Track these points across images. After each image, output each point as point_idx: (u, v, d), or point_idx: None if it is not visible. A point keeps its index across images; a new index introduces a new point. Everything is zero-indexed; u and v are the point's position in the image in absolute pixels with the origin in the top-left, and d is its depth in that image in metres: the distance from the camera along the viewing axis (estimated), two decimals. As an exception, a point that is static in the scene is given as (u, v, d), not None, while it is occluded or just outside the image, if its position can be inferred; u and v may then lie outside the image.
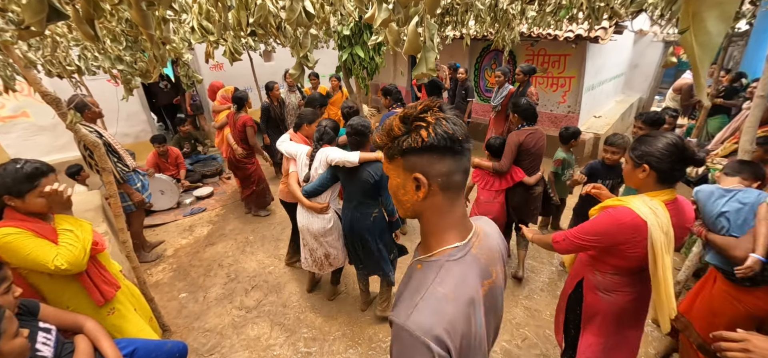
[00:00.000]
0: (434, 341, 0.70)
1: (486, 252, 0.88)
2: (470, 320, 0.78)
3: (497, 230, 0.99)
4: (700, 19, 0.33)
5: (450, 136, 0.75)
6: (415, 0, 0.82)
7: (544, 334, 2.69)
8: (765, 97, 1.98)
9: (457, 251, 0.81)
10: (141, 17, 0.88)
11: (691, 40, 0.34)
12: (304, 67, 1.71)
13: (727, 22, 0.33)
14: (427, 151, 0.76)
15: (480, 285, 0.83)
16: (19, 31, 1.03)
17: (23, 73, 1.67)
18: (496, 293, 0.90)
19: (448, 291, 0.76)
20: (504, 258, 0.97)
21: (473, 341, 0.80)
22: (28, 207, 1.55)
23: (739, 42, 7.31)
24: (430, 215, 0.83)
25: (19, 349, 1.16)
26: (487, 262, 0.87)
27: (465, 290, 0.78)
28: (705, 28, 0.33)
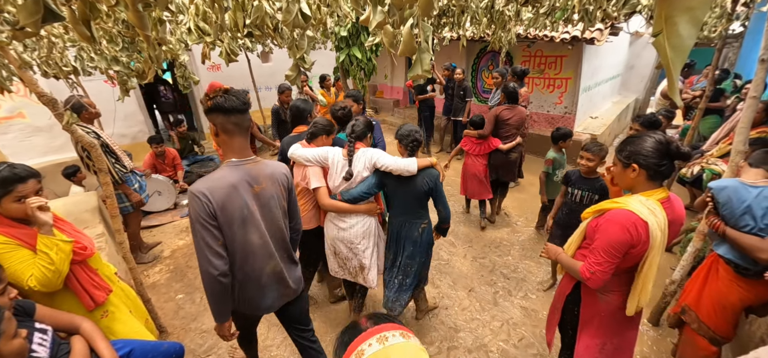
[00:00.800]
0: (199, 194, 1.41)
1: (259, 171, 1.58)
2: (229, 195, 1.46)
3: (282, 172, 1.68)
4: (672, 23, 0.35)
5: (218, 103, 1.43)
6: (410, 2, 0.83)
7: (541, 334, 2.70)
8: (757, 98, 2.00)
9: (232, 163, 1.52)
10: (137, 18, 0.89)
11: (664, 42, 0.36)
12: (300, 68, 1.71)
13: (697, 26, 0.34)
14: (212, 112, 1.45)
15: (248, 185, 1.53)
16: (14, 31, 1.03)
17: (19, 74, 1.67)
18: (266, 197, 1.59)
19: (217, 177, 1.47)
20: (282, 183, 1.67)
21: (236, 209, 1.48)
22: (6, 212, 1.53)
23: (734, 43, 7.38)
24: (222, 145, 1.53)
25: (17, 349, 1.16)
26: (257, 176, 1.56)
27: (228, 179, 1.48)
28: (677, 32, 0.34)
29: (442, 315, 2.92)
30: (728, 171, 2.18)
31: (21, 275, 1.49)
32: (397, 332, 0.74)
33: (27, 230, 1.58)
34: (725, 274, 1.89)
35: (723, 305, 1.91)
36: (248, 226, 1.52)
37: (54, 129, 5.35)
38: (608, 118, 7.13)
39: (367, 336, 0.72)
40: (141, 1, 0.87)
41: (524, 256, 3.67)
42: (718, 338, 1.96)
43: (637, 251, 1.44)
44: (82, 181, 4.25)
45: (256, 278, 1.62)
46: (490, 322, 2.85)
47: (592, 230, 1.59)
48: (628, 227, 1.40)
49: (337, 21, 2.90)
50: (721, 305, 1.92)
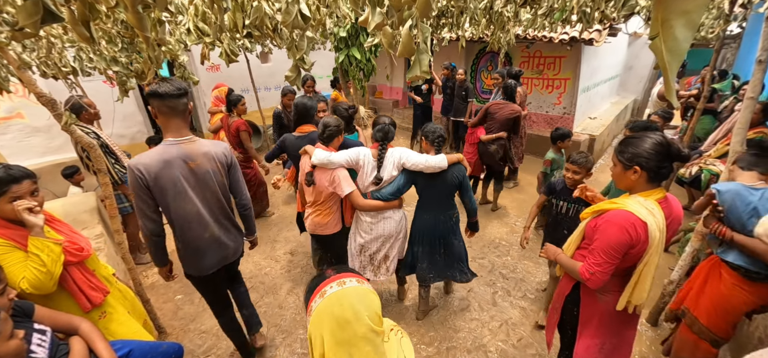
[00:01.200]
0: (135, 168, 1.64)
1: (195, 150, 1.77)
2: (162, 169, 1.67)
3: (220, 151, 1.89)
4: (668, 27, 0.35)
5: (154, 90, 1.65)
6: (409, 3, 0.83)
7: (540, 334, 2.71)
8: (755, 99, 2.01)
9: (168, 142, 1.73)
10: (137, 20, 0.89)
11: (661, 45, 0.36)
12: (300, 68, 1.72)
13: (693, 29, 0.35)
14: (150, 97, 1.66)
15: (183, 161, 1.73)
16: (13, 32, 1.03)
17: (18, 75, 1.67)
18: (202, 172, 1.79)
19: (153, 153, 1.69)
20: (219, 160, 1.86)
21: (168, 182, 1.70)
22: (1, 214, 1.52)
23: (732, 44, 7.41)
24: (161, 126, 1.74)
25: (14, 350, 1.16)
26: (192, 154, 1.75)
27: (162, 155, 1.69)
28: (673, 35, 0.35)
29: (441, 315, 2.92)
30: (726, 172, 2.19)
31: (14, 277, 1.48)
32: (353, 279, 0.89)
33: (23, 232, 1.57)
34: (730, 278, 1.87)
35: (725, 308, 1.90)
36: (182, 197, 1.75)
37: (52, 129, 5.34)
38: (607, 119, 7.14)
39: (330, 281, 0.88)
40: (140, 3, 0.87)
41: (523, 256, 3.68)
42: (718, 340, 1.97)
43: (636, 251, 1.45)
44: (80, 182, 4.24)
45: (196, 243, 1.86)
46: (489, 322, 2.85)
47: (591, 230, 1.59)
48: (627, 228, 1.41)
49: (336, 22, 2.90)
50: (724, 308, 1.90)
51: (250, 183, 4.29)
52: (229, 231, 1.98)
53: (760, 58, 1.94)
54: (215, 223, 1.89)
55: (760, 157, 1.89)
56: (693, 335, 2.05)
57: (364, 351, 0.81)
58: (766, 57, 1.95)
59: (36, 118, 5.21)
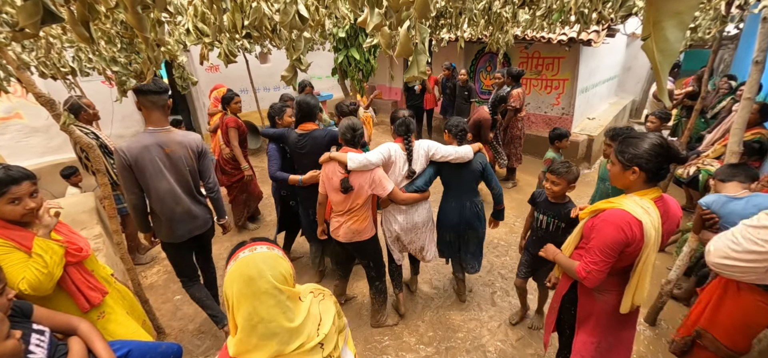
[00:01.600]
0: (120, 150, 2.00)
1: (170, 138, 2.15)
2: (142, 152, 2.03)
3: (193, 140, 2.29)
4: (660, 28, 0.36)
5: (138, 87, 2.01)
6: (407, 4, 0.84)
7: (538, 334, 2.71)
8: (752, 100, 2.03)
9: (149, 131, 2.08)
10: (136, 20, 0.89)
11: (653, 46, 0.37)
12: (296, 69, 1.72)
13: (684, 30, 0.36)
14: (135, 92, 1.99)
15: (159, 147, 2.08)
16: (13, 33, 1.04)
17: (17, 75, 1.67)
18: (175, 157, 2.16)
19: (135, 139, 2.05)
20: (192, 148, 2.25)
21: (147, 163, 2.05)
22: (1, 214, 1.53)
23: (730, 45, 7.44)
24: (144, 117, 2.11)
25: (11, 351, 1.16)
26: (167, 142, 2.12)
27: (142, 141, 2.04)
28: (664, 36, 0.35)
29: (440, 315, 2.93)
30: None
31: (13, 278, 1.48)
32: (264, 246, 0.99)
33: (22, 232, 1.57)
34: (751, 295, 1.78)
35: (748, 324, 1.82)
36: (159, 176, 2.13)
37: (51, 130, 5.33)
38: (605, 120, 7.16)
39: (244, 248, 0.98)
40: (139, 3, 0.87)
41: (522, 256, 3.68)
42: (736, 356, 1.92)
43: (632, 250, 1.46)
44: (78, 182, 4.24)
45: (170, 215, 2.20)
46: (488, 322, 2.86)
47: (589, 229, 1.60)
48: (623, 227, 1.42)
49: (335, 22, 2.91)
50: (746, 324, 1.83)
51: (233, 186, 4.07)
52: (198, 206, 2.36)
53: (757, 59, 1.96)
54: (186, 198, 2.26)
55: (736, 168, 1.94)
56: (708, 354, 1.99)
57: (267, 305, 0.92)
58: (763, 58, 1.96)
59: (34, 119, 5.20)
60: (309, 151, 2.69)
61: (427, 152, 2.46)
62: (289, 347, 0.95)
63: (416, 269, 3.16)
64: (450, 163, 2.46)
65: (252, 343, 0.93)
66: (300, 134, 2.72)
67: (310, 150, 2.67)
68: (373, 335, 2.76)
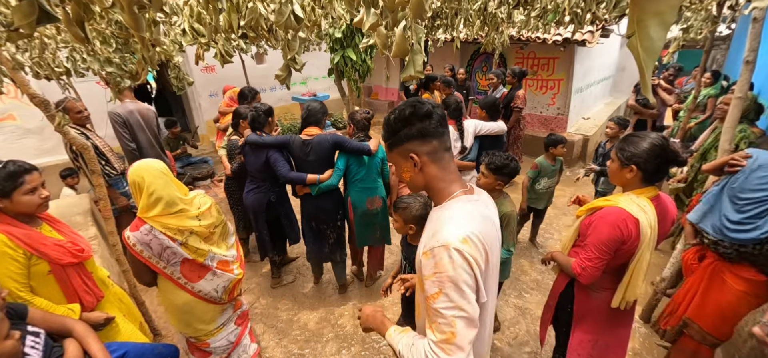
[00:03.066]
0: (114, 114, 3.37)
1: (143, 108, 3.53)
2: (130, 114, 3.39)
3: (151, 110, 3.60)
4: (643, 27, 0.37)
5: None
6: (402, 5, 0.85)
7: (535, 331, 2.73)
8: (742, 99, 2.06)
9: (126, 103, 3.43)
10: (133, 20, 0.89)
11: (637, 44, 0.38)
12: (291, 68, 1.73)
13: (666, 28, 0.37)
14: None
15: (139, 112, 3.46)
16: (8, 32, 1.03)
17: (11, 75, 1.66)
18: (148, 119, 3.56)
19: (122, 106, 3.43)
20: (153, 112, 3.62)
21: (134, 122, 3.42)
22: (17, 207, 1.53)
23: (722, 45, 7.53)
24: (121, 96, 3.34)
25: (10, 350, 1.15)
26: (141, 110, 3.48)
27: (128, 107, 3.47)
28: (648, 35, 0.37)
29: (437, 315, 2.94)
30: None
31: (7, 285, 1.49)
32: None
33: (28, 230, 1.57)
34: (736, 285, 1.84)
35: (735, 313, 1.88)
36: (140, 131, 3.38)
37: (45, 131, 5.28)
38: (600, 119, 7.22)
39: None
40: (136, 3, 0.87)
41: (518, 255, 3.70)
42: (719, 343, 1.98)
43: (628, 248, 1.47)
44: (75, 184, 4.21)
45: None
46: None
47: (585, 227, 1.62)
48: (619, 224, 1.43)
49: (331, 23, 2.91)
50: (733, 313, 1.88)
51: None
52: (164, 155, 3.56)
53: (748, 59, 1.99)
54: (158, 149, 3.57)
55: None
56: (694, 343, 2.04)
57: (159, 182, 1.60)
58: (754, 58, 1.99)
59: (27, 120, 5.15)
60: (314, 155, 2.62)
61: (474, 129, 3.09)
62: (172, 209, 1.61)
63: None
64: (488, 136, 3.15)
65: (150, 207, 1.59)
66: (304, 140, 2.63)
67: (316, 154, 2.62)
68: (370, 335, 2.77)
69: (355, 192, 2.75)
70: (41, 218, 1.69)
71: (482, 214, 0.97)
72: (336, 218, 2.84)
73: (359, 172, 2.70)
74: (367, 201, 2.75)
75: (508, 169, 2.03)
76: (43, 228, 1.65)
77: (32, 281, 1.57)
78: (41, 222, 1.67)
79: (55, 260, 1.59)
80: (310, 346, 2.69)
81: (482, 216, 0.96)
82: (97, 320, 1.71)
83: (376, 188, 2.79)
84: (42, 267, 1.58)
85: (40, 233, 1.60)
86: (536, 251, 3.78)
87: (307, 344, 2.71)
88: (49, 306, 1.57)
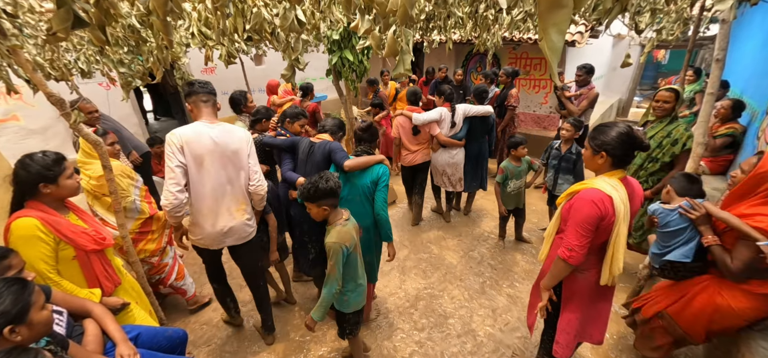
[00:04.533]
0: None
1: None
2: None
3: None
4: (547, 33, 0.51)
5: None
6: (392, 12, 0.98)
7: (525, 318, 2.87)
8: (714, 95, 2.20)
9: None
10: (164, 25, 1.02)
11: (545, 46, 0.52)
12: (294, 68, 1.86)
13: (562, 35, 0.52)
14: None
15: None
16: (47, 36, 1.16)
17: (30, 76, 1.78)
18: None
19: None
20: None
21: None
22: (61, 191, 1.69)
23: (709, 45, 7.72)
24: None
25: (46, 319, 1.28)
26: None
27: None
28: (550, 38, 0.51)
29: (433, 304, 3.07)
30: (691, 161, 2.38)
31: (29, 268, 1.61)
32: None
33: (58, 217, 1.72)
34: (734, 302, 1.85)
35: (712, 320, 1.92)
36: None
37: (48, 131, 5.38)
38: (592, 118, 7.37)
39: None
40: (170, 13, 1.00)
41: (510, 249, 3.85)
42: (687, 340, 2.07)
43: (606, 224, 1.61)
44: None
45: None
46: (478, 309, 3.01)
47: (566, 211, 1.75)
48: (596, 202, 1.58)
49: (329, 25, 3.04)
50: (711, 320, 1.93)
51: None
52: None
53: (717, 58, 2.13)
54: None
55: (693, 183, 2.07)
56: (663, 330, 2.16)
57: None
58: (723, 56, 2.14)
59: (31, 121, 5.25)
60: (312, 159, 2.63)
61: (464, 111, 3.71)
62: None
63: (449, 206, 4.52)
64: (477, 117, 3.77)
65: None
66: (311, 142, 2.65)
67: (314, 159, 2.63)
68: (369, 323, 2.90)
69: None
70: (68, 207, 1.82)
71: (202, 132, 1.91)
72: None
73: (345, 188, 2.43)
74: None
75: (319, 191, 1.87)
76: (70, 216, 1.78)
77: (58, 265, 1.70)
78: (68, 211, 1.80)
79: (81, 245, 1.73)
80: (311, 333, 2.82)
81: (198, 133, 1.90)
82: (115, 304, 1.84)
83: (360, 213, 2.39)
84: (68, 252, 1.71)
85: (68, 220, 1.74)
86: (527, 245, 3.92)
87: (308, 332, 2.83)
88: (73, 289, 1.69)
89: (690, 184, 2.09)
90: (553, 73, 0.53)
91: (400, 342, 2.72)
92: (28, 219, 1.61)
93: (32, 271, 1.60)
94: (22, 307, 1.20)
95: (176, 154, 1.87)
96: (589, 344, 2.57)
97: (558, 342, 1.92)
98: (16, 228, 1.60)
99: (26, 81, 2.60)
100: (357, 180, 2.40)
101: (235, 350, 2.70)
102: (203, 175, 1.98)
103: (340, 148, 2.54)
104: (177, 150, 1.87)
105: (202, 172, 1.97)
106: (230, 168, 2.03)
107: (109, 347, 1.66)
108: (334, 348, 2.69)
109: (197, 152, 1.92)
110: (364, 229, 2.43)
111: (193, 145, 1.90)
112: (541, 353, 2.21)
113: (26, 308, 1.22)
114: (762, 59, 4.14)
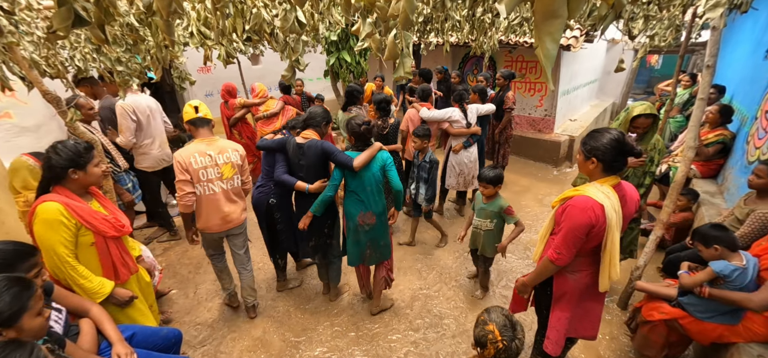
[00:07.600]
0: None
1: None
2: (138, 104, 3.69)
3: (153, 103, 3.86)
4: (542, 41, 0.53)
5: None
6: (393, 16, 1.00)
7: (518, 317, 2.89)
8: (705, 100, 2.25)
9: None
10: (166, 26, 1.03)
11: (540, 53, 0.54)
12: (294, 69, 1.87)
13: (556, 43, 0.54)
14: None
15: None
16: (47, 34, 1.16)
17: (26, 73, 1.77)
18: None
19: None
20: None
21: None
22: (89, 178, 1.75)
23: (701, 51, 7.85)
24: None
25: (37, 328, 1.25)
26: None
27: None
28: (545, 47, 0.53)
29: (429, 304, 3.09)
30: (682, 165, 2.42)
31: (49, 247, 1.65)
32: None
33: (82, 203, 1.75)
34: (752, 325, 1.98)
35: (734, 341, 2.04)
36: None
37: (41, 129, 5.30)
38: (586, 121, 7.46)
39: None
40: (173, 14, 1.01)
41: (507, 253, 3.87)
42: (688, 343, 2.17)
43: (597, 231, 1.64)
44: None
45: None
46: (472, 310, 3.03)
47: (559, 215, 1.78)
48: (587, 210, 1.61)
49: (327, 27, 3.06)
50: (732, 340, 2.05)
51: None
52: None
53: (708, 64, 2.18)
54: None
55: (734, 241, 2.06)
56: (649, 335, 2.25)
57: None
58: (714, 63, 2.19)
59: (24, 118, 5.17)
60: (306, 160, 2.61)
61: (476, 111, 4.01)
62: None
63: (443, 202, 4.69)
64: (482, 116, 4.12)
65: None
66: (299, 144, 2.61)
67: (307, 159, 2.60)
68: (365, 323, 2.91)
69: (349, 203, 2.60)
70: (92, 193, 1.84)
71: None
72: (322, 226, 2.77)
73: (352, 182, 2.55)
74: (358, 215, 2.55)
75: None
76: (93, 203, 1.81)
77: (77, 250, 1.74)
78: (91, 197, 1.83)
79: (101, 231, 1.77)
80: (306, 334, 2.82)
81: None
82: (124, 296, 1.85)
83: (371, 202, 2.53)
84: (87, 238, 1.75)
85: (90, 206, 1.76)
86: (522, 248, 3.96)
87: (304, 333, 2.84)
88: (88, 273, 1.74)
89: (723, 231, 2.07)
90: (548, 79, 0.55)
91: (396, 342, 2.73)
92: (53, 203, 1.65)
93: (52, 254, 1.64)
94: (16, 310, 1.19)
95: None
96: (581, 344, 2.60)
97: (549, 338, 1.95)
98: (42, 211, 1.64)
99: (21, 78, 2.58)
100: (366, 172, 2.51)
101: (229, 350, 2.70)
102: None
103: (336, 149, 2.54)
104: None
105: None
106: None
107: (104, 346, 1.66)
108: (330, 348, 2.69)
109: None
110: (377, 215, 2.59)
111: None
112: (535, 353, 2.24)
113: (21, 312, 1.20)
114: (751, 65, 4.22)
